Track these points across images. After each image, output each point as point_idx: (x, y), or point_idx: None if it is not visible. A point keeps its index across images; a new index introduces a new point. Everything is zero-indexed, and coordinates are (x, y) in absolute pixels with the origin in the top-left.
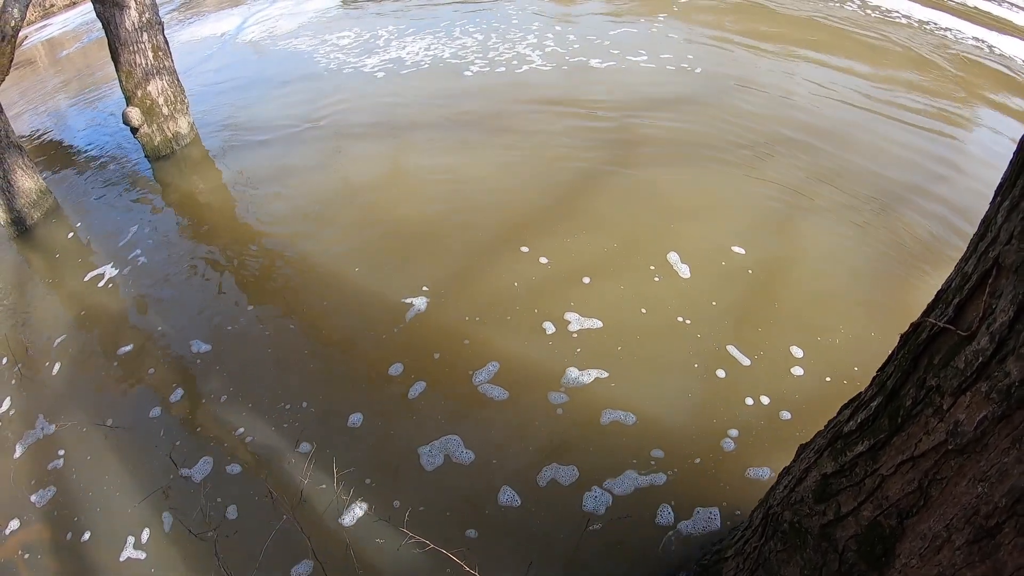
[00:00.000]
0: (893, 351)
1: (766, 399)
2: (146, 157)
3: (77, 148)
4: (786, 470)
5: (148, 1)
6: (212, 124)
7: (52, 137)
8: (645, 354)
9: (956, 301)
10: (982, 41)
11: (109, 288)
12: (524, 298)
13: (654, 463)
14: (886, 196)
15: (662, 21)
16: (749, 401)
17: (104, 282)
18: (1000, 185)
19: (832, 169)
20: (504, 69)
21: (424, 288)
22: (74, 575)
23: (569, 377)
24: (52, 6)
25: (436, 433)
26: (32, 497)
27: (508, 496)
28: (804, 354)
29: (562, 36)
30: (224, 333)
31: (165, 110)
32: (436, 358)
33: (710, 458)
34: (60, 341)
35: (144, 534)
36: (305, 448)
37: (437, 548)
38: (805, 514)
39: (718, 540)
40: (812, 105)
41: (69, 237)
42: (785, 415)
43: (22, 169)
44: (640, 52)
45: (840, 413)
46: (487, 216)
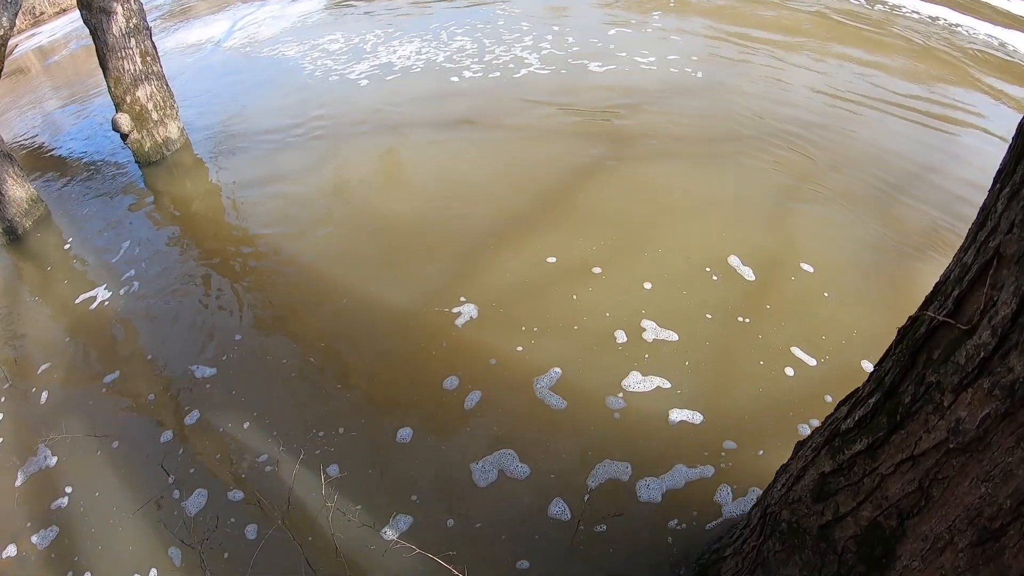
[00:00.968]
0: (891, 346)
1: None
2: (137, 163)
3: (67, 155)
4: (784, 468)
5: (135, 7)
6: (203, 129)
7: (42, 144)
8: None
9: (955, 293)
10: (992, 36)
11: (101, 304)
12: (578, 307)
13: (724, 454)
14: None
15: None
16: (828, 399)
17: (95, 296)
18: (999, 172)
19: None
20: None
21: (461, 298)
22: None
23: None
24: (42, 14)
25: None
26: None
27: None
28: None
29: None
30: (232, 348)
31: (155, 115)
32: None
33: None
34: (47, 366)
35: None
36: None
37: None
38: (803, 514)
39: (717, 539)
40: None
41: (60, 248)
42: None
43: (13, 178)
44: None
45: (837, 410)
46: (532, 221)
